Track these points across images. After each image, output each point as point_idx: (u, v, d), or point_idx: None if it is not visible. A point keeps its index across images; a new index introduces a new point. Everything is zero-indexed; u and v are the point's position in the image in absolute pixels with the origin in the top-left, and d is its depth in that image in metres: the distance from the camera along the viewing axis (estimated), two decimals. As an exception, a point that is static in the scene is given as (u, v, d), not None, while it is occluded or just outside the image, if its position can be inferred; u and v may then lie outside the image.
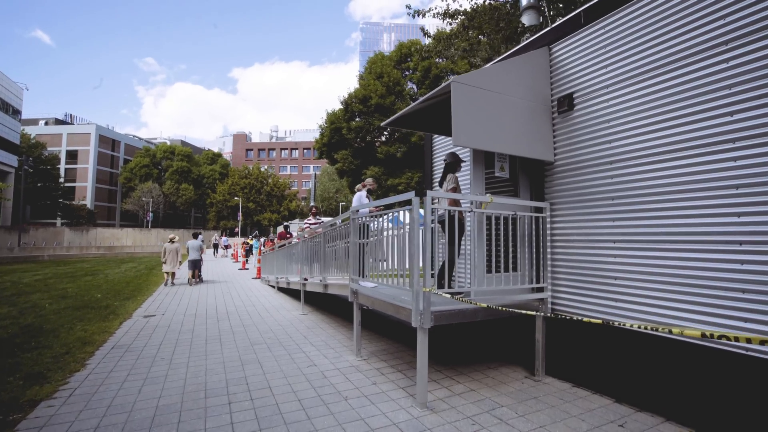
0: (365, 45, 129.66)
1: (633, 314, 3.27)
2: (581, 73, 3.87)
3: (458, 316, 3.48)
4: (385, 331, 5.93)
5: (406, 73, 26.51)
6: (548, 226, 4.08)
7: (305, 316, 7.35)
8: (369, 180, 5.69)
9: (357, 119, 23.29)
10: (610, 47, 3.58)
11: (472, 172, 4.03)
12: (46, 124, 65.04)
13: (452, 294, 3.38)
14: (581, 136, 3.85)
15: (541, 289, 4.04)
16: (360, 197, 5.37)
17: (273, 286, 11.41)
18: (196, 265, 12.34)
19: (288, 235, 10.75)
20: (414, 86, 26.54)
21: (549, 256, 4.07)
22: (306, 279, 7.41)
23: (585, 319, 2.22)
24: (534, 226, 3.98)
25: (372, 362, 4.46)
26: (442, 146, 6.26)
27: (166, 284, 11.62)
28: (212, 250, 31.45)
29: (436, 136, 6.40)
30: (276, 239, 11.46)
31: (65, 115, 68.78)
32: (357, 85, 25.17)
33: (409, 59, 26.21)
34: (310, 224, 7.86)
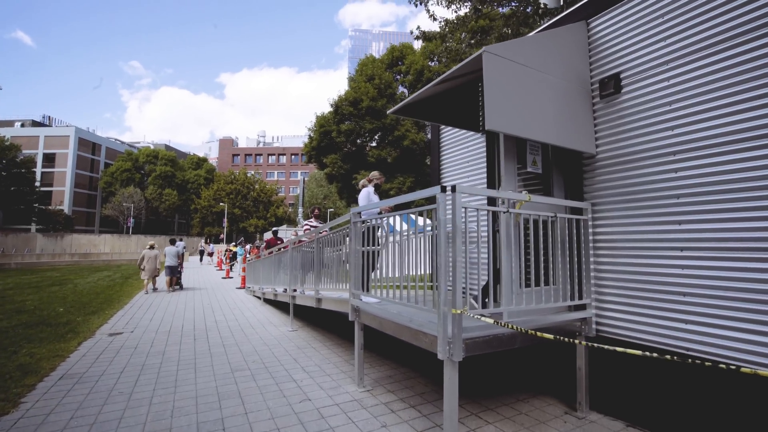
0: (354, 52, 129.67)
1: (709, 340, 2.62)
2: (631, 49, 3.26)
3: (493, 343, 2.78)
4: (388, 351, 5.18)
5: (398, 77, 26.02)
6: (590, 230, 3.43)
7: (295, 332, 6.55)
8: (375, 173, 4.89)
9: (347, 122, 22.60)
10: (673, 14, 2.96)
11: (503, 165, 3.35)
12: (22, 125, 62.58)
13: (488, 317, 2.67)
14: (632, 123, 3.22)
15: (582, 307, 3.37)
16: (368, 194, 4.61)
17: (259, 297, 10.55)
18: (173, 272, 12.23)
19: (278, 242, 9.90)
20: (406, 90, 26.06)
21: (592, 266, 3.41)
22: (295, 290, 6.63)
23: (732, 367, 1.52)
24: (575, 230, 3.32)
25: (377, 394, 3.71)
26: (452, 139, 5.60)
27: (147, 291, 11.53)
28: (198, 257, 30.57)
29: (444, 128, 5.74)
30: (263, 247, 10.56)
31: (43, 117, 66.32)
32: (347, 89, 24.54)
33: (400, 62, 25.74)
34: (312, 226, 7.07)
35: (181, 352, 5.25)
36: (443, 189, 2.67)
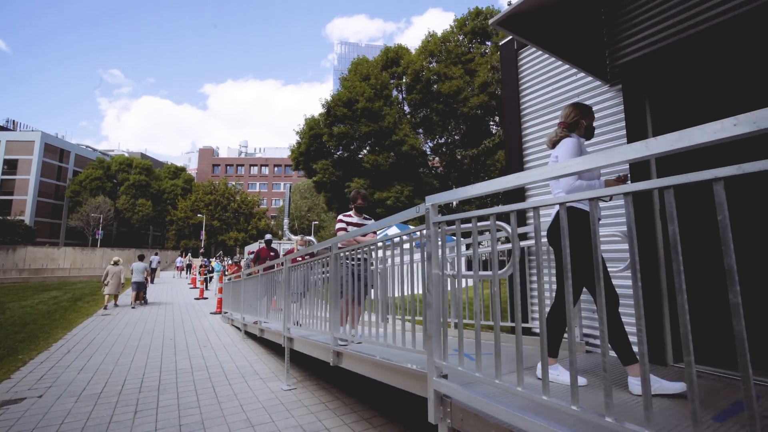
0: (341, 64, 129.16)
1: None
2: None
3: None
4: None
5: (392, 80, 24.42)
6: None
7: (292, 393, 4.42)
8: (570, 108, 2.41)
9: (340, 125, 20.65)
10: None
11: None
12: (-18, 130, 58.16)
13: None
14: None
15: None
16: (577, 145, 2.31)
17: (239, 329, 8.31)
18: (140, 288, 12.15)
19: (271, 254, 7.68)
20: (401, 94, 24.47)
21: None
22: (294, 326, 4.55)
23: None
24: None
25: None
26: (543, 99, 3.73)
27: (106, 308, 11.03)
28: (181, 272, 28.76)
29: (528, 86, 3.88)
30: (251, 261, 8.30)
31: (7, 121, 61.84)
32: (340, 89, 22.71)
33: (395, 65, 24.18)
34: (350, 224, 4.34)
35: (104, 447, 3.07)
36: None
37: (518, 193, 3.78)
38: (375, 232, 4.45)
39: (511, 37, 4.18)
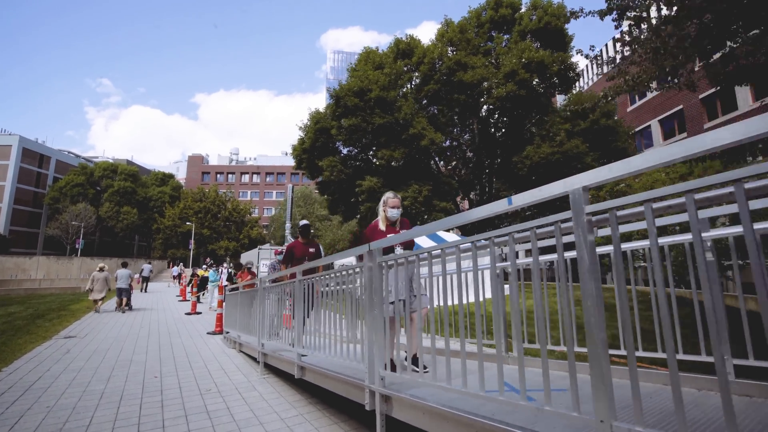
0: (335, 73, 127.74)
1: None
2: None
3: None
4: None
5: (403, 75, 22.47)
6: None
7: None
8: None
9: (351, 117, 18.52)
10: None
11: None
12: (-45, 133, 54.65)
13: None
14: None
15: None
16: None
17: (255, 359, 5.99)
18: (124, 294, 12.37)
19: (309, 252, 5.13)
20: (410, 92, 22.52)
21: None
22: (388, 371, 2.34)
23: None
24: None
25: None
26: None
27: (97, 311, 11.79)
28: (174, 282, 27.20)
29: None
30: (279, 264, 5.96)
31: (-18, 125, 58.51)
32: (347, 85, 20.64)
33: (407, 57, 22.26)
34: None
35: None
36: None
37: None
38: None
39: None
